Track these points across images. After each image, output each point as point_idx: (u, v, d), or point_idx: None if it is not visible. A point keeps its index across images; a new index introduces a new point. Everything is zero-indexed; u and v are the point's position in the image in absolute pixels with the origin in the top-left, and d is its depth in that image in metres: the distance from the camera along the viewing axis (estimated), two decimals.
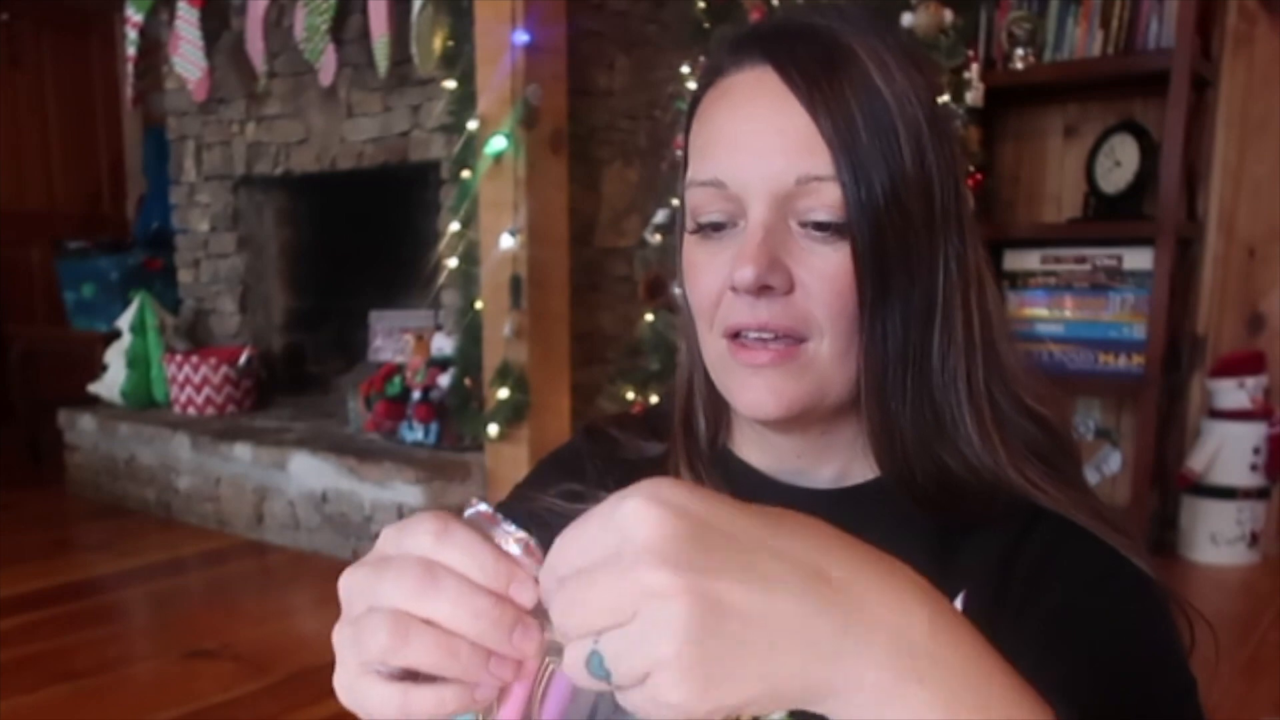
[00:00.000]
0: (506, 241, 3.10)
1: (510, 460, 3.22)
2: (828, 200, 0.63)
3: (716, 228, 0.66)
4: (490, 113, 3.09)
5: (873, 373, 0.65)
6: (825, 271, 0.63)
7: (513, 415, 3.14)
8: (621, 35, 3.54)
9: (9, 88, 5.35)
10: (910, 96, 0.64)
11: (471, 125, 3.12)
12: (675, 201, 0.79)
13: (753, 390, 0.66)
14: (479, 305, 3.24)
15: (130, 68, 4.36)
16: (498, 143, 3.07)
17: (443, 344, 3.51)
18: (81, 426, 4.23)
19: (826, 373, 0.66)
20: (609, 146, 3.54)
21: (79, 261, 5.02)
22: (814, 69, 0.63)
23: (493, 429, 3.15)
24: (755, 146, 0.64)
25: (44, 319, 5.25)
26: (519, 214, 3.11)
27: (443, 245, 3.36)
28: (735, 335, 0.66)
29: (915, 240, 0.64)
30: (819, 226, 0.63)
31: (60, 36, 5.54)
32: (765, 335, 0.65)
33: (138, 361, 4.25)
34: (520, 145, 3.07)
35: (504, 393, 3.12)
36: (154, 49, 4.38)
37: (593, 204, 3.51)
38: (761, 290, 0.63)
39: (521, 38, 3.02)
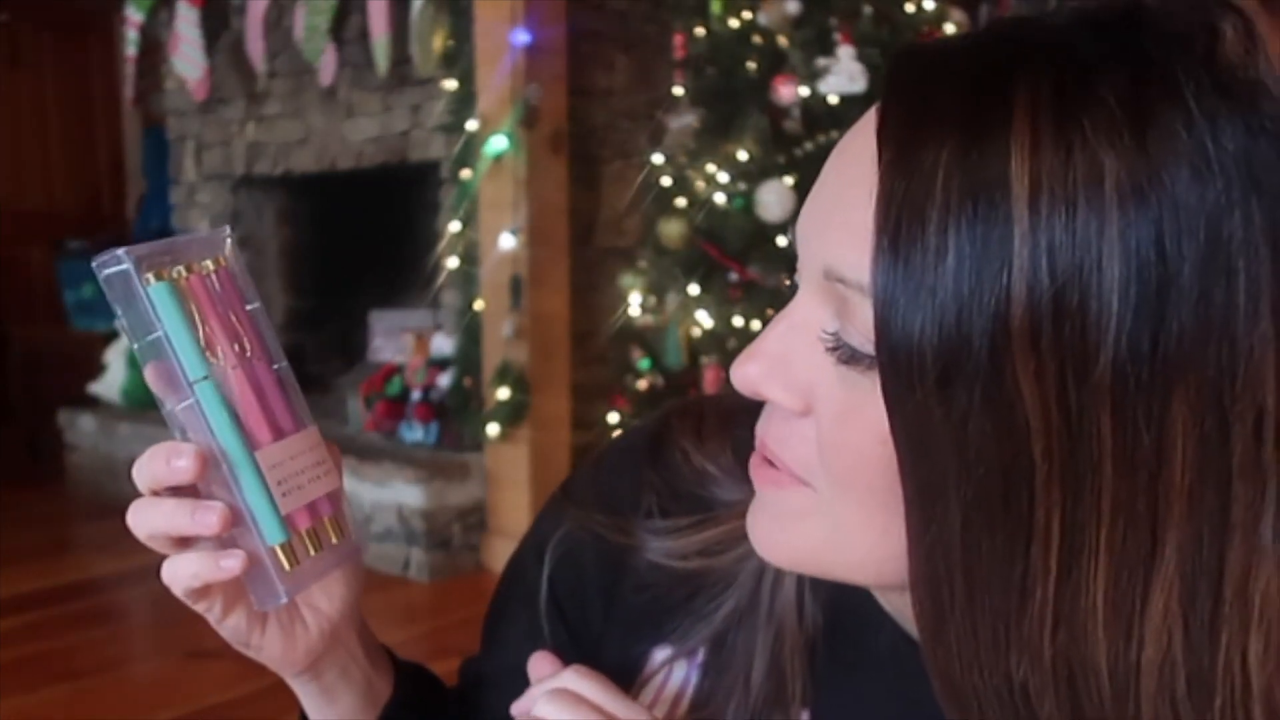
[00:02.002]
0: (506, 241, 3.10)
1: (510, 460, 3.22)
2: (860, 319, 0.41)
3: (794, 287, 0.47)
4: (490, 113, 3.09)
5: (928, 624, 0.42)
6: (837, 413, 0.43)
7: (513, 415, 3.14)
8: (621, 35, 3.54)
9: (9, 88, 5.35)
10: (1105, 205, 0.36)
11: (471, 125, 3.13)
12: None
13: (752, 514, 0.50)
14: (479, 305, 3.25)
15: (130, 68, 4.36)
16: (498, 143, 3.07)
17: (443, 344, 3.51)
18: (81, 426, 4.23)
19: (839, 537, 0.45)
20: (609, 146, 3.54)
21: (79, 261, 5.02)
22: (918, 115, 0.39)
23: (493, 429, 3.15)
24: (816, 205, 0.44)
25: (44, 319, 5.25)
26: (519, 214, 3.11)
27: (443, 245, 3.36)
28: None
29: (1038, 422, 0.38)
30: (838, 346, 0.43)
31: (60, 36, 5.54)
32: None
33: (138, 361, 4.24)
34: (520, 145, 3.08)
35: (504, 393, 3.12)
36: (154, 49, 4.38)
37: (593, 204, 3.51)
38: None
39: (521, 38, 3.03)
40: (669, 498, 0.59)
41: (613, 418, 3.01)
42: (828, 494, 0.45)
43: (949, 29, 2.80)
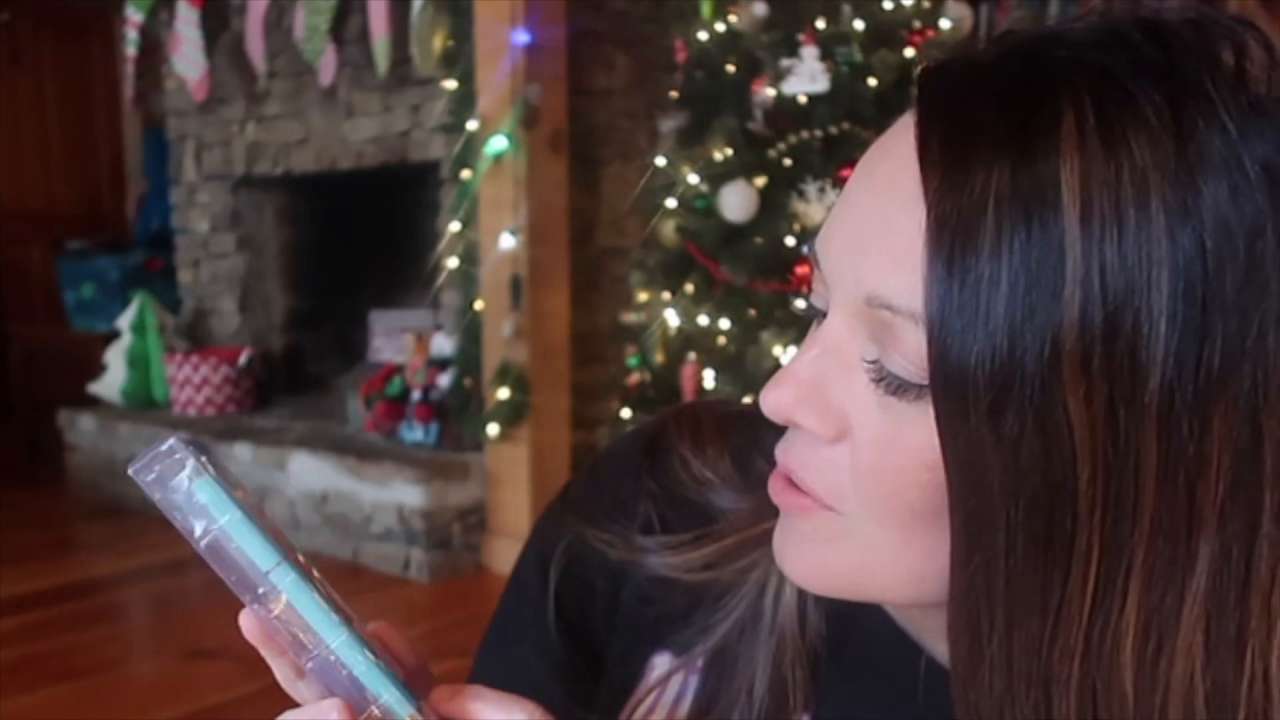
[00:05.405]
0: (506, 241, 3.10)
1: (510, 460, 3.22)
2: (906, 345, 0.40)
3: (814, 310, 0.47)
4: (490, 113, 3.09)
5: (962, 659, 0.42)
6: (876, 439, 0.42)
7: (512, 415, 3.14)
8: (621, 35, 3.54)
9: (9, 88, 5.35)
10: (1168, 226, 0.36)
11: (471, 125, 3.13)
12: None
13: (781, 539, 0.49)
14: (479, 305, 3.25)
15: (130, 68, 4.36)
16: (498, 143, 3.07)
17: (443, 344, 3.51)
18: (81, 426, 4.23)
19: (876, 560, 0.45)
20: (609, 146, 3.54)
21: (79, 261, 5.02)
22: (963, 139, 0.39)
23: (493, 429, 3.15)
24: (849, 230, 0.43)
25: (44, 319, 5.25)
26: (519, 214, 3.11)
27: (443, 245, 3.37)
28: None
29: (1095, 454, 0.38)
30: (882, 377, 0.42)
31: (60, 36, 5.53)
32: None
33: (138, 361, 4.25)
34: (520, 145, 3.08)
35: (504, 393, 3.13)
36: (154, 49, 4.38)
37: (593, 204, 3.51)
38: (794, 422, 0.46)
39: (521, 38, 3.03)
40: (668, 505, 0.58)
41: (625, 414, 3.00)
42: (858, 518, 0.44)
43: (944, 24, 2.79)
